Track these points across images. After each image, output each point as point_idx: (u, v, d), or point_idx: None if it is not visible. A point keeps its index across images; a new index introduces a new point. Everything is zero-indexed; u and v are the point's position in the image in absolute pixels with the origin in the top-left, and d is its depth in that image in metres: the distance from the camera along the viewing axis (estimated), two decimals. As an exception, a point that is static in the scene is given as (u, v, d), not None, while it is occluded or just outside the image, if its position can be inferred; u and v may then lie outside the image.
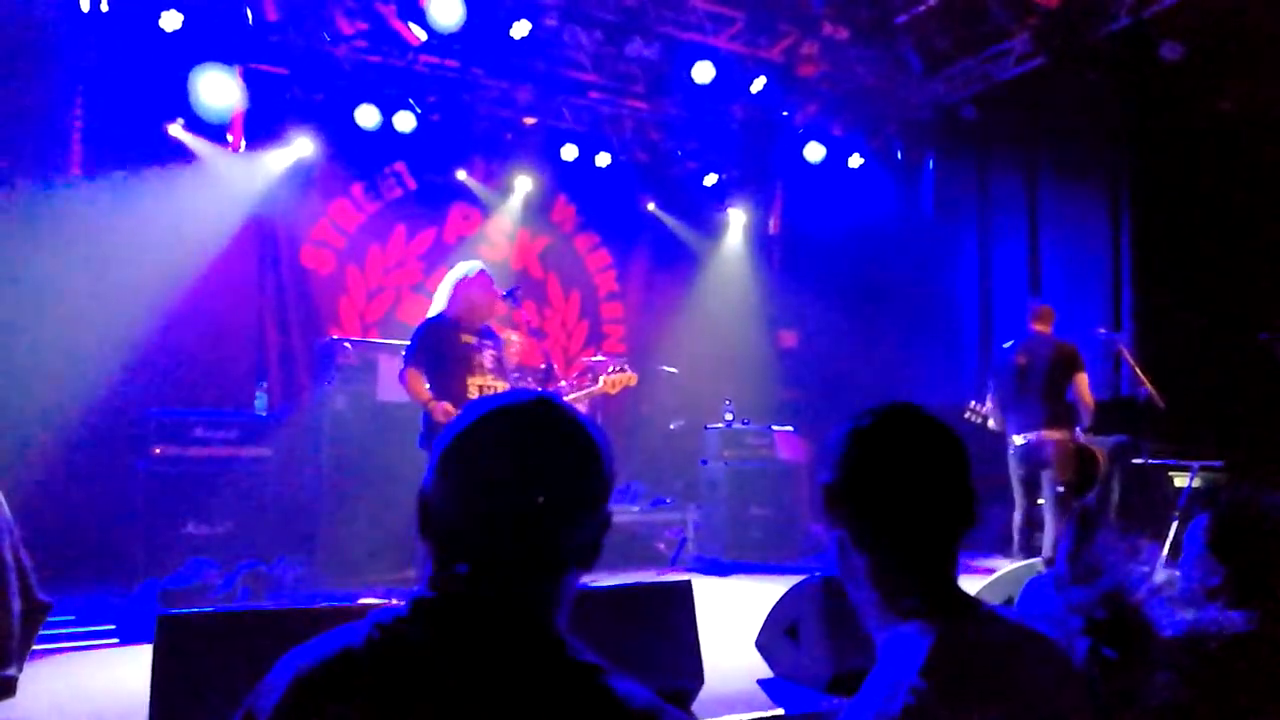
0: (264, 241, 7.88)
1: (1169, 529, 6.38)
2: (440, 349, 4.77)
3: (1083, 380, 6.25)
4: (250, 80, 7.10)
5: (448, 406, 4.58)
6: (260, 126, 7.50)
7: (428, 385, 4.72)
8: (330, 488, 6.51)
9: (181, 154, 7.30)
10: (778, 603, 4.06)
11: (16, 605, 3.63)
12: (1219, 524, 2.16)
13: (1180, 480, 6.73)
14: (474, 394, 4.74)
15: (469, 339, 4.85)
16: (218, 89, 6.84)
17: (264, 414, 6.63)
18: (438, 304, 4.96)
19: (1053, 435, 6.18)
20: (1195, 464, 6.66)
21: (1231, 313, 6.72)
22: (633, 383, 5.48)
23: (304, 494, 6.61)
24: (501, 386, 4.88)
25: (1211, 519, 2.19)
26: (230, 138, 7.18)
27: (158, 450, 6.01)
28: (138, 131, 7.07)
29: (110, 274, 6.58)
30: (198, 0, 6.27)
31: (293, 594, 5.96)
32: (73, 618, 5.09)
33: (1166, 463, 6.70)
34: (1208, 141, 6.86)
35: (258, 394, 6.67)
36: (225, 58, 6.77)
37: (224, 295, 7.45)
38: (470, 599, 1.08)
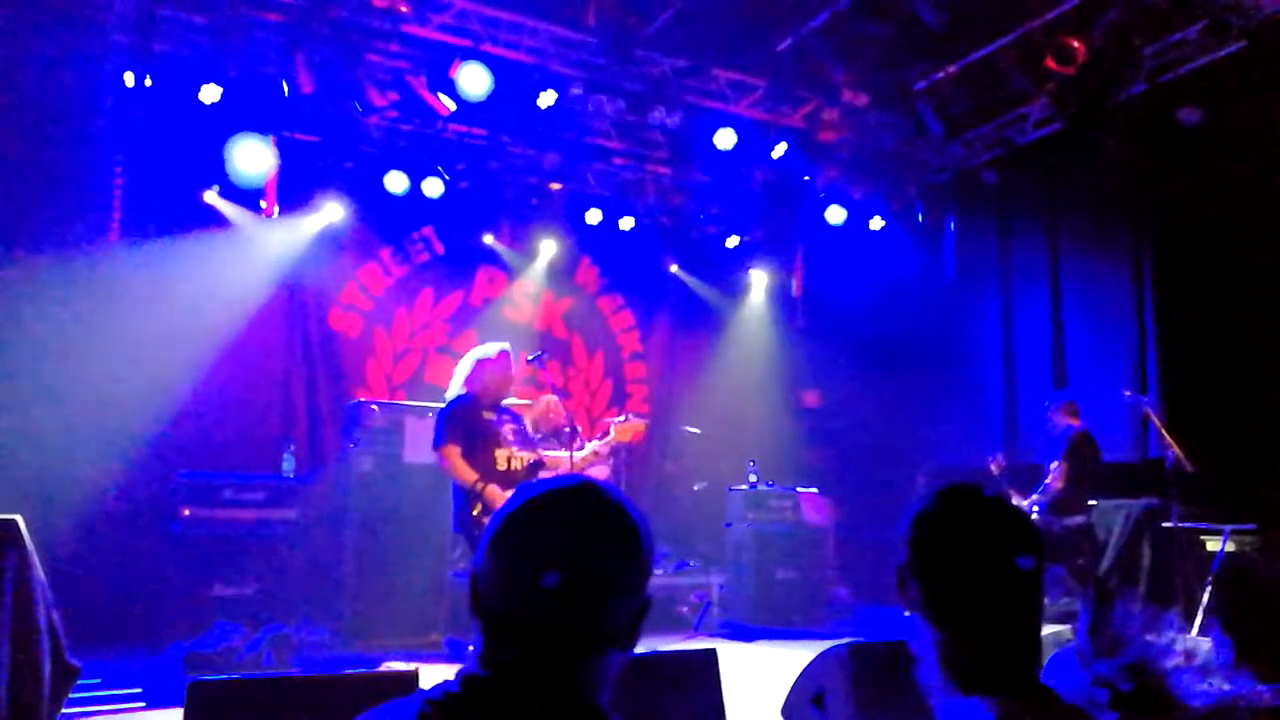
0: (294, 305, 8.04)
1: (1203, 594, 6.30)
2: (467, 426, 4.88)
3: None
4: (283, 148, 7.31)
5: (495, 489, 4.70)
6: (292, 193, 7.69)
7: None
8: (355, 550, 6.54)
9: (216, 220, 7.50)
10: (804, 670, 4.01)
11: (47, 669, 3.66)
12: (1226, 595, 2.15)
13: (1213, 544, 6.64)
14: (502, 465, 4.87)
15: (489, 415, 4.97)
16: (252, 157, 7.04)
17: (291, 476, 6.68)
18: (457, 383, 5.07)
19: None
20: (1227, 528, 6.58)
21: (1256, 375, 6.69)
22: (641, 429, 5.56)
23: (329, 556, 6.64)
24: (528, 456, 4.99)
25: (1213, 590, 2.19)
26: (264, 204, 7.36)
27: (187, 512, 6.07)
28: (174, 199, 7.28)
29: (144, 338, 6.73)
30: (236, 74, 6.48)
31: (317, 658, 5.96)
32: (99, 680, 5.10)
33: (1197, 526, 6.62)
34: (1228, 204, 6.89)
35: (285, 456, 6.74)
36: (260, 127, 6.98)
37: (254, 358, 7.60)
38: (519, 677, 1.12)
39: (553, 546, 1.14)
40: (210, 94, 6.59)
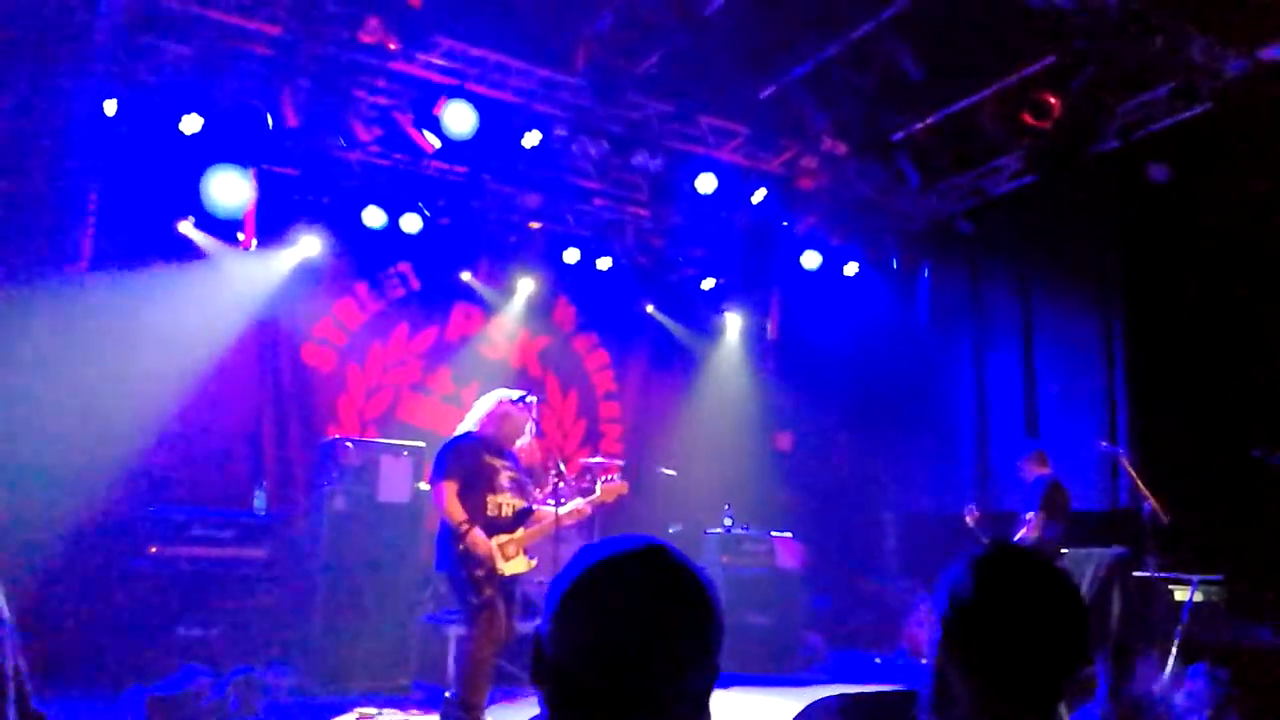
0: (267, 338, 7.92)
1: (1172, 643, 6.36)
2: (466, 466, 4.82)
3: None
4: (262, 180, 7.24)
5: (478, 533, 4.66)
6: (269, 225, 7.61)
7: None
8: (326, 591, 6.41)
9: (191, 252, 7.39)
10: (792, 721, 3.98)
11: (12, 717, 3.52)
12: (1231, 666, 2.17)
13: (1181, 594, 6.72)
14: (492, 510, 4.83)
15: (493, 460, 4.92)
16: (230, 188, 6.95)
17: (262, 513, 6.54)
18: (470, 422, 5.01)
19: None
20: (1195, 578, 6.66)
21: (1225, 426, 6.80)
22: (624, 492, 5.53)
23: (299, 597, 6.49)
24: (518, 504, 4.95)
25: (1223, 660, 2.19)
26: (241, 236, 7.27)
27: (153, 549, 5.92)
28: (149, 229, 7.18)
29: (114, 370, 6.59)
30: (219, 104, 6.42)
31: (285, 702, 5.80)
32: (57, 725, 4.92)
33: (1166, 576, 6.69)
34: (1197, 258, 7.05)
35: (257, 493, 6.61)
36: (241, 159, 6.91)
37: (226, 392, 7.46)
38: None
39: (626, 612, 1.11)
40: (191, 124, 6.52)
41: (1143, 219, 7.40)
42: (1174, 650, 6.31)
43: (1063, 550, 7.04)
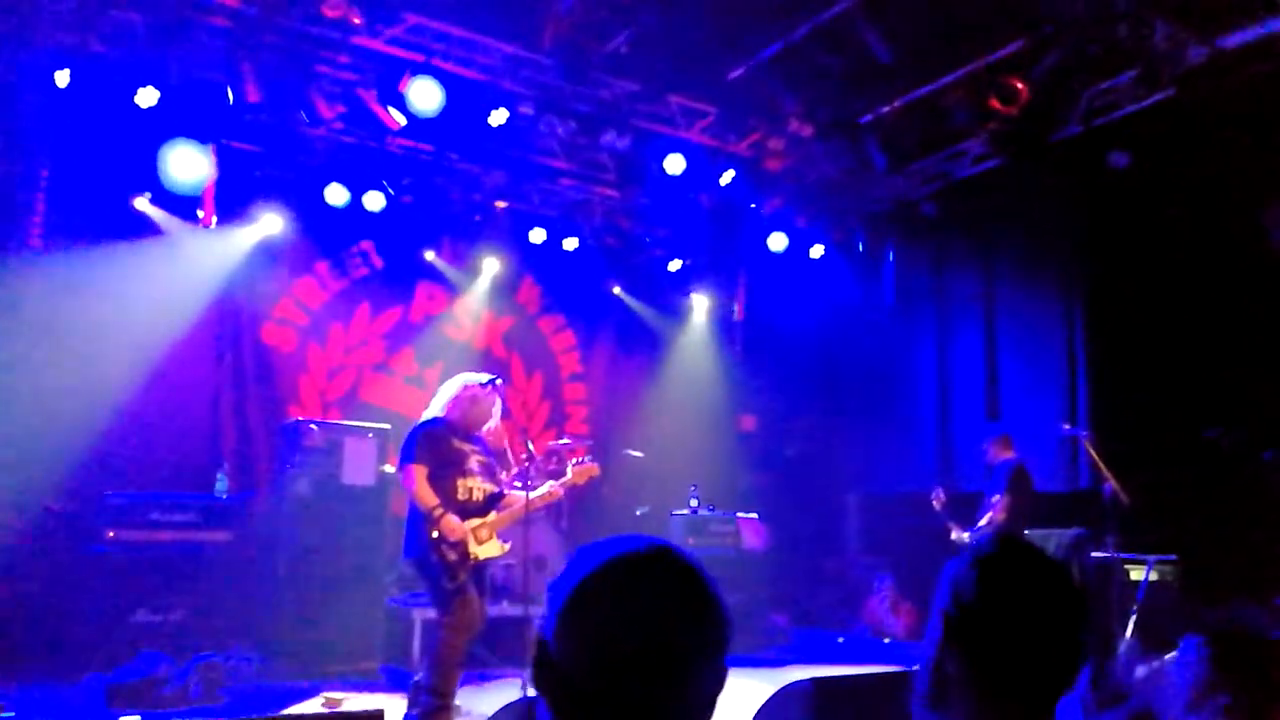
0: (226, 317, 7.75)
1: (1128, 621, 6.50)
2: (436, 451, 4.76)
3: None
4: (221, 156, 7.06)
5: (452, 518, 4.59)
6: (229, 202, 7.44)
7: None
8: (290, 575, 6.33)
9: (147, 228, 7.20)
10: (764, 705, 3.99)
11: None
12: (1215, 648, 2.19)
13: (1137, 574, 6.87)
14: (463, 495, 4.77)
15: (461, 445, 4.86)
16: (188, 164, 6.78)
17: (224, 496, 6.43)
18: (438, 406, 4.94)
19: None
20: (1151, 558, 6.81)
21: (1181, 409, 6.94)
22: (595, 474, 5.50)
23: (262, 581, 6.40)
24: (489, 488, 4.90)
25: (1209, 643, 2.21)
26: (200, 213, 7.10)
27: (111, 534, 5.80)
28: (103, 205, 6.98)
29: (67, 350, 6.43)
30: (178, 79, 6.24)
31: (248, 688, 5.73)
32: (13, 715, 4.82)
33: (1124, 556, 6.83)
34: (1158, 244, 7.16)
35: (219, 476, 6.48)
36: (199, 134, 6.74)
37: (184, 372, 7.30)
38: None
39: (635, 615, 1.09)
40: (147, 97, 6.34)
41: (1105, 204, 7.49)
42: (1130, 630, 6.45)
43: (1024, 533, 7.16)
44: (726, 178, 8.07)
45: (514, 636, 6.11)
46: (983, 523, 6.78)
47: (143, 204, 7.16)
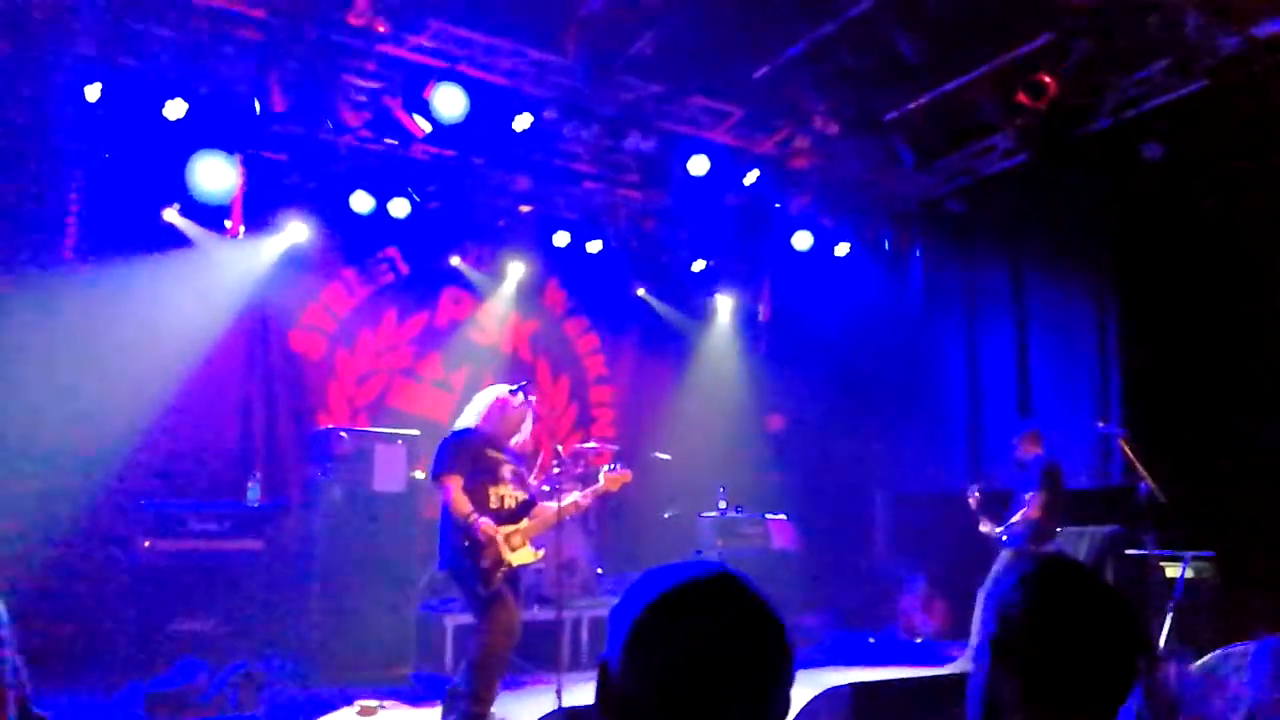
0: (255, 326, 7.81)
1: (1165, 619, 6.41)
2: (469, 461, 4.77)
3: None
4: (248, 166, 7.11)
5: (488, 522, 4.61)
6: (256, 212, 7.48)
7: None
8: (323, 582, 6.37)
9: (177, 240, 7.26)
10: (803, 709, 3.98)
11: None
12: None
13: (1172, 571, 6.77)
14: (494, 503, 4.78)
15: (494, 453, 4.87)
16: (216, 175, 6.83)
17: (256, 505, 6.47)
18: (470, 418, 4.95)
19: None
20: (1187, 554, 6.71)
21: (1215, 406, 6.84)
22: (628, 480, 5.49)
23: (296, 588, 6.44)
24: (521, 495, 4.91)
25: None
26: (229, 223, 7.14)
27: (147, 543, 5.85)
28: (134, 217, 7.04)
29: (100, 362, 6.48)
30: (204, 89, 6.29)
31: (283, 694, 5.76)
32: (55, 723, 4.87)
33: (1160, 553, 6.73)
34: (1190, 237, 7.05)
35: (250, 484, 6.53)
36: (227, 145, 6.78)
37: (215, 381, 7.36)
38: None
39: (702, 644, 1.07)
40: (175, 110, 6.39)
41: (1136, 197, 7.38)
42: (1166, 628, 6.36)
43: (1057, 530, 7.08)
44: (751, 177, 8.04)
45: (546, 641, 6.11)
46: (1016, 519, 6.71)
47: (172, 215, 7.21)
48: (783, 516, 8.68)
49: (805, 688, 4.10)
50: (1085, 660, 1.35)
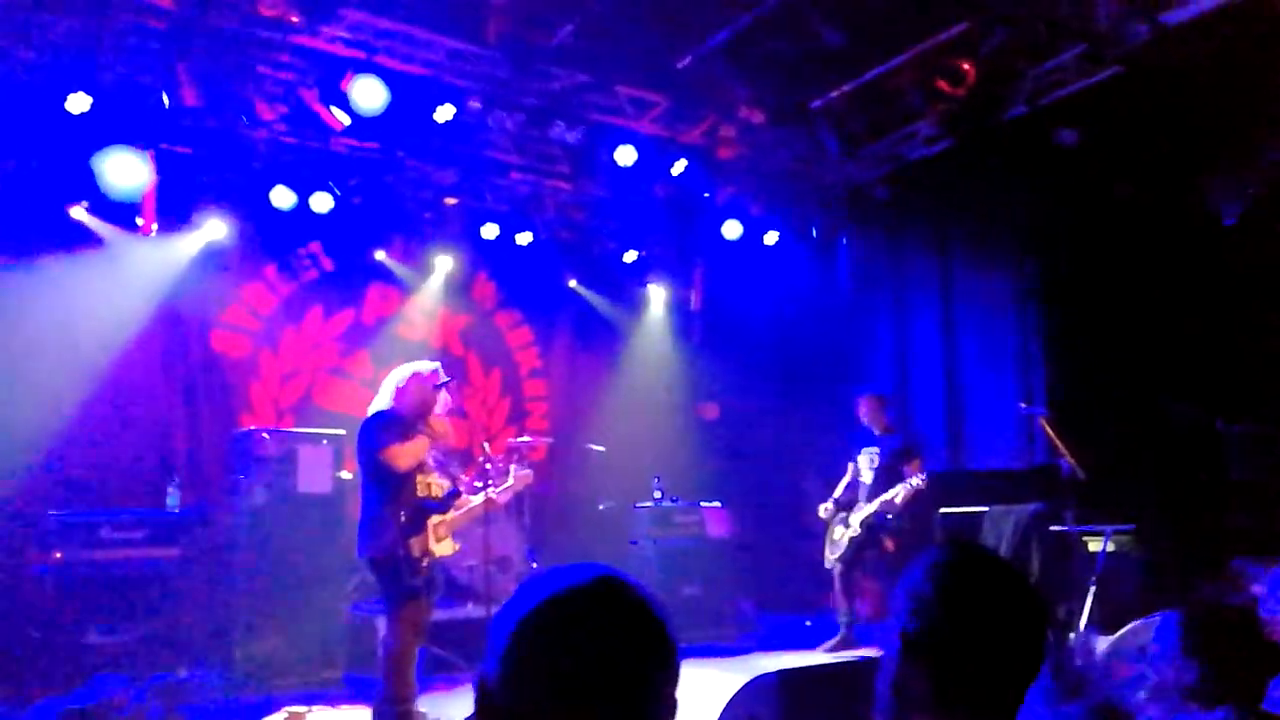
0: (173, 326, 7.56)
1: (1088, 593, 6.58)
2: (398, 438, 4.68)
3: None
4: (161, 161, 6.87)
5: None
6: (171, 209, 7.24)
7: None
8: (247, 588, 6.21)
9: (86, 238, 6.99)
10: (733, 698, 3.97)
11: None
12: (1189, 623, 2.20)
13: (1095, 545, 6.95)
14: (422, 491, 4.68)
15: (414, 438, 4.78)
16: (126, 171, 6.59)
17: (176, 511, 6.28)
18: (385, 398, 4.83)
19: None
20: (1109, 529, 6.89)
21: (1135, 383, 7.02)
22: (530, 480, 5.49)
23: (219, 595, 6.28)
24: (447, 486, 4.83)
25: (1183, 618, 2.23)
26: (140, 221, 6.90)
27: (59, 554, 5.63)
28: (39, 215, 6.76)
29: (8, 366, 6.23)
30: (108, 82, 6.05)
31: (208, 705, 5.61)
32: (-36, 745, 4.68)
33: (1082, 529, 6.90)
34: (1107, 222, 7.22)
35: (170, 490, 6.33)
36: (136, 139, 6.55)
37: (130, 385, 7.12)
38: None
39: (582, 653, 1.04)
40: (79, 104, 6.13)
41: (1056, 183, 7.53)
42: (1089, 601, 6.52)
43: (983, 508, 7.23)
44: (679, 167, 8.02)
45: (479, 638, 6.03)
46: (898, 495, 6.91)
47: (80, 213, 6.94)
48: (717, 504, 8.70)
49: (740, 674, 4.11)
50: (997, 653, 1.34)
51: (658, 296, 10.28)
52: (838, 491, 7.58)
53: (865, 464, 7.41)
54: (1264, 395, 6.46)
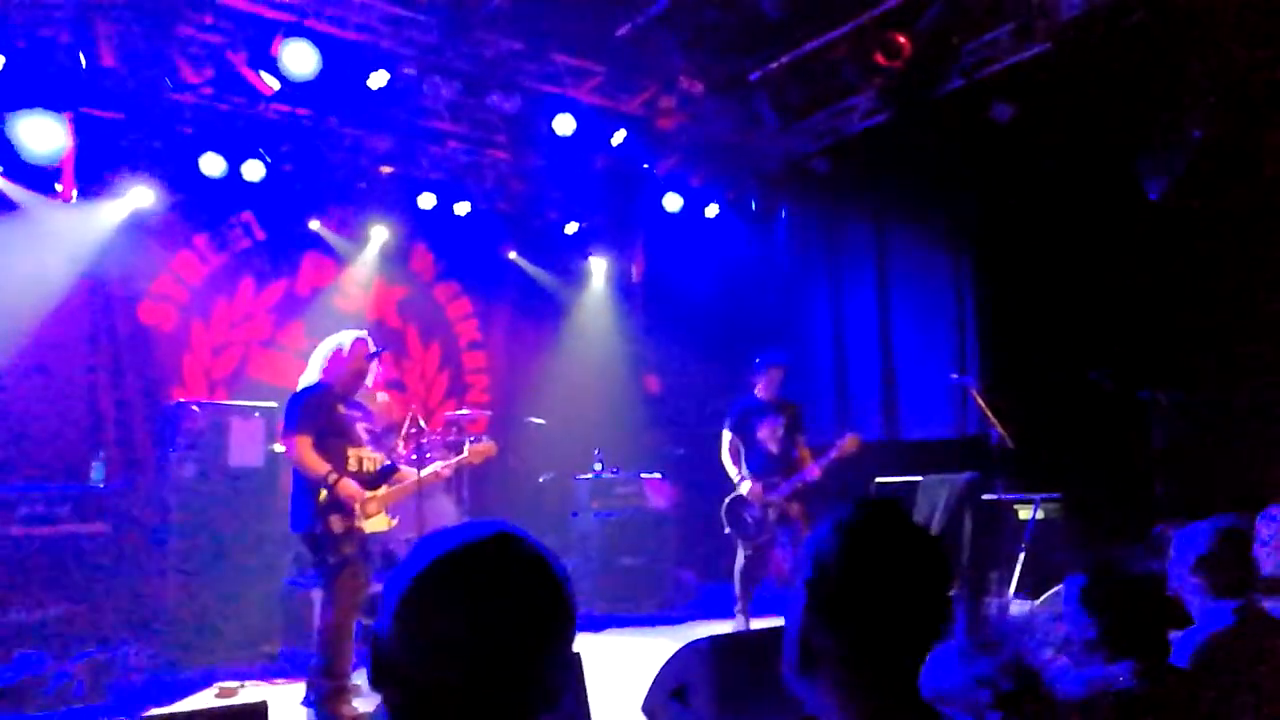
0: (97, 297, 7.35)
1: (1017, 560, 6.75)
2: (320, 419, 4.57)
3: None
4: (80, 126, 6.63)
5: (349, 483, 4.43)
6: (93, 175, 7.01)
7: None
8: (178, 562, 6.10)
9: (1, 203, 6.74)
10: (665, 664, 4.00)
11: None
12: (1089, 582, 2.27)
13: (1025, 513, 7.13)
14: (353, 465, 4.62)
15: (343, 410, 4.69)
16: (42, 134, 6.33)
17: (102, 485, 6.13)
18: (313, 371, 4.74)
19: None
20: (1038, 497, 7.07)
21: (1063, 354, 7.18)
22: (493, 453, 5.41)
23: (148, 571, 6.15)
24: (378, 458, 4.76)
25: (1084, 577, 2.29)
26: (60, 186, 6.66)
27: (-23, 530, 5.46)
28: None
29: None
30: (21, 41, 5.81)
31: (137, 681, 5.51)
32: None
33: (1013, 497, 7.07)
34: (1038, 196, 7.34)
35: (94, 464, 6.17)
36: (52, 103, 6.30)
37: (53, 356, 6.91)
38: None
39: (473, 607, 1.03)
40: (-8, 63, 5.89)
41: (990, 157, 7.63)
42: (1018, 568, 6.70)
43: (917, 478, 7.36)
44: (618, 138, 7.97)
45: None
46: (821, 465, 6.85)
47: (-7, 177, 6.69)
48: (658, 476, 8.75)
49: (678, 643, 4.13)
50: (897, 606, 1.35)
51: (599, 268, 10.24)
52: (743, 468, 7.03)
53: (767, 434, 7.01)
54: (1187, 365, 6.65)
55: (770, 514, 6.84)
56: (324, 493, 4.44)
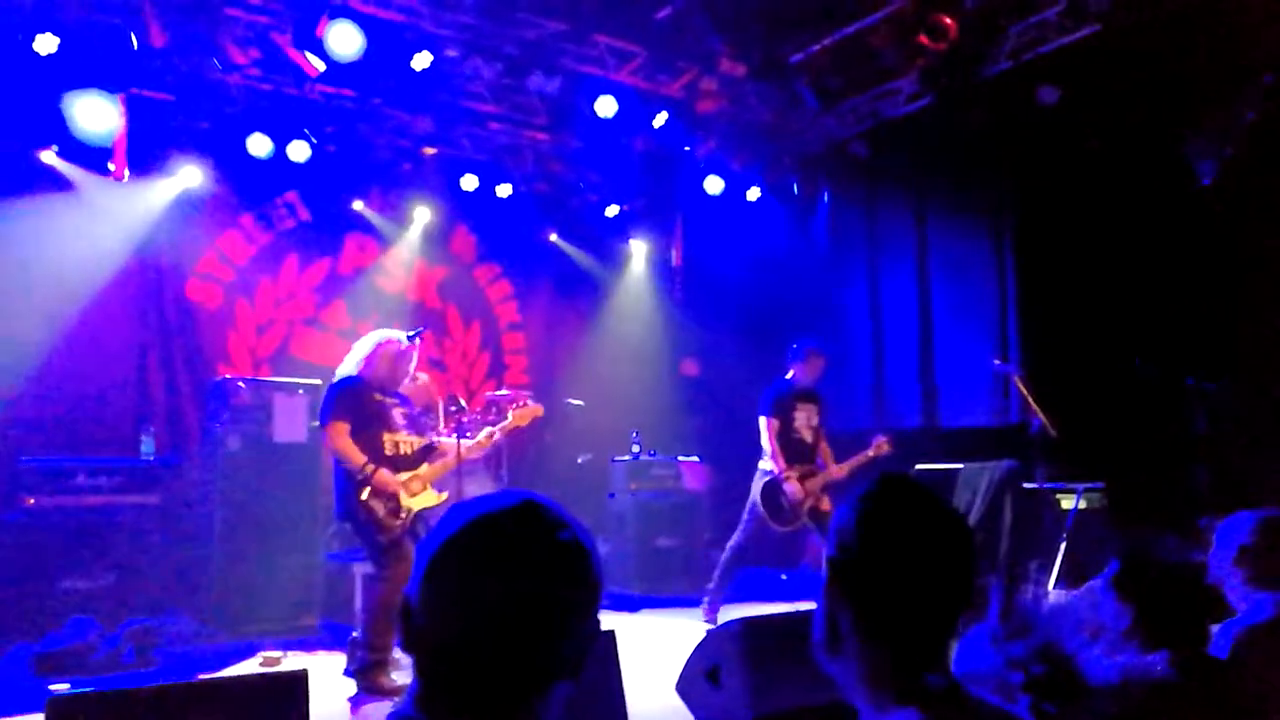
0: (147, 274, 7.51)
1: (1058, 550, 6.69)
2: (356, 407, 4.67)
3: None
4: (132, 106, 6.76)
5: (385, 473, 4.52)
6: (144, 154, 7.15)
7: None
8: (223, 535, 6.24)
9: (57, 183, 6.90)
10: (698, 646, 4.03)
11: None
12: (1123, 570, 2.25)
13: (1067, 502, 7.05)
14: (389, 449, 4.70)
15: (381, 398, 4.78)
16: (96, 115, 6.48)
17: (151, 458, 6.28)
18: (352, 363, 4.83)
19: None
20: (1080, 486, 6.99)
21: (1107, 341, 7.08)
22: (539, 414, 5.47)
23: (194, 542, 6.30)
24: (417, 441, 4.83)
25: (1119, 565, 2.27)
26: (113, 166, 6.80)
27: (31, 500, 5.63)
28: (7, 158, 6.66)
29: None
30: (76, 24, 5.93)
31: (183, 651, 5.66)
32: (-63, 687, 4.70)
33: (1054, 486, 7.00)
34: (1085, 179, 7.22)
35: (144, 438, 6.33)
36: (105, 83, 6.43)
37: (105, 332, 7.08)
38: (461, 717, 1.04)
39: (499, 574, 1.06)
40: (46, 44, 6.02)
41: (1034, 140, 7.51)
42: (1059, 558, 6.63)
43: (959, 465, 7.29)
44: (659, 120, 7.95)
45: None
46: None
47: (50, 157, 6.85)
48: (695, 459, 8.76)
49: (711, 625, 4.18)
50: (915, 583, 1.35)
51: (639, 251, 10.25)
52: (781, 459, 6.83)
53: (803, 422, 6.94)
54: (1235, 353, 6.52)
55: (807, 502, 6.84)
56: (366, 489, 4.54)
